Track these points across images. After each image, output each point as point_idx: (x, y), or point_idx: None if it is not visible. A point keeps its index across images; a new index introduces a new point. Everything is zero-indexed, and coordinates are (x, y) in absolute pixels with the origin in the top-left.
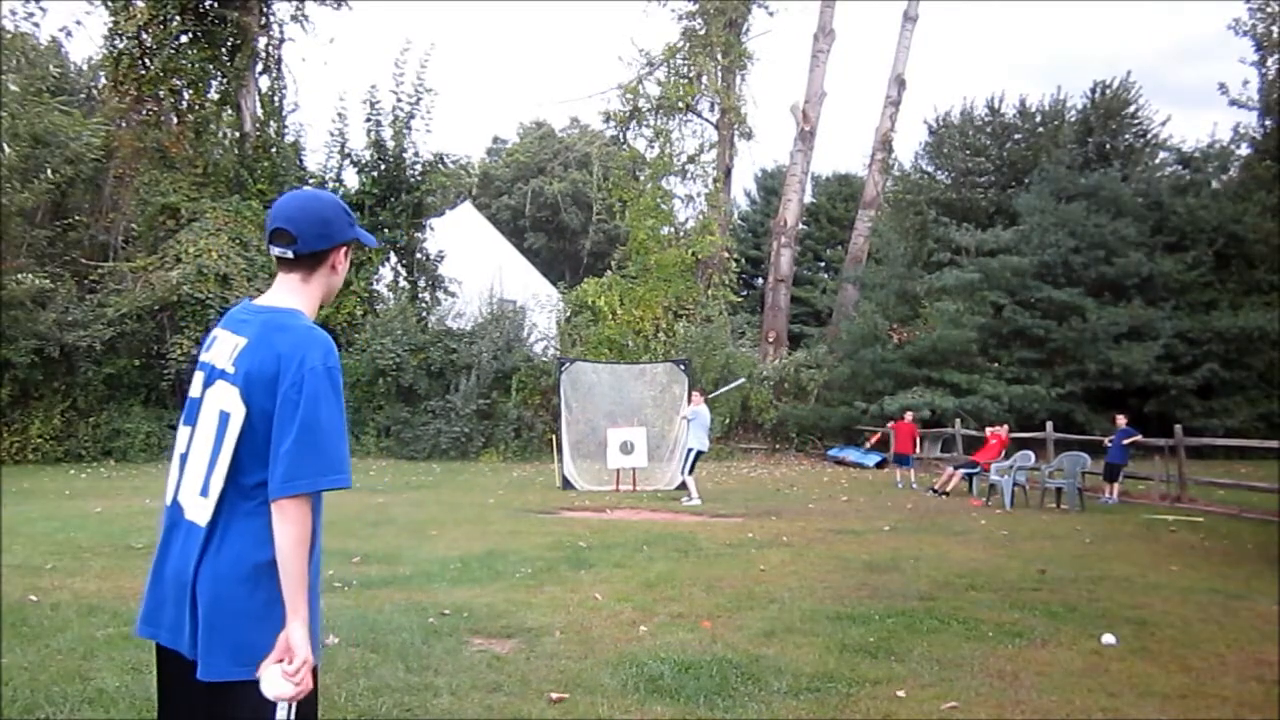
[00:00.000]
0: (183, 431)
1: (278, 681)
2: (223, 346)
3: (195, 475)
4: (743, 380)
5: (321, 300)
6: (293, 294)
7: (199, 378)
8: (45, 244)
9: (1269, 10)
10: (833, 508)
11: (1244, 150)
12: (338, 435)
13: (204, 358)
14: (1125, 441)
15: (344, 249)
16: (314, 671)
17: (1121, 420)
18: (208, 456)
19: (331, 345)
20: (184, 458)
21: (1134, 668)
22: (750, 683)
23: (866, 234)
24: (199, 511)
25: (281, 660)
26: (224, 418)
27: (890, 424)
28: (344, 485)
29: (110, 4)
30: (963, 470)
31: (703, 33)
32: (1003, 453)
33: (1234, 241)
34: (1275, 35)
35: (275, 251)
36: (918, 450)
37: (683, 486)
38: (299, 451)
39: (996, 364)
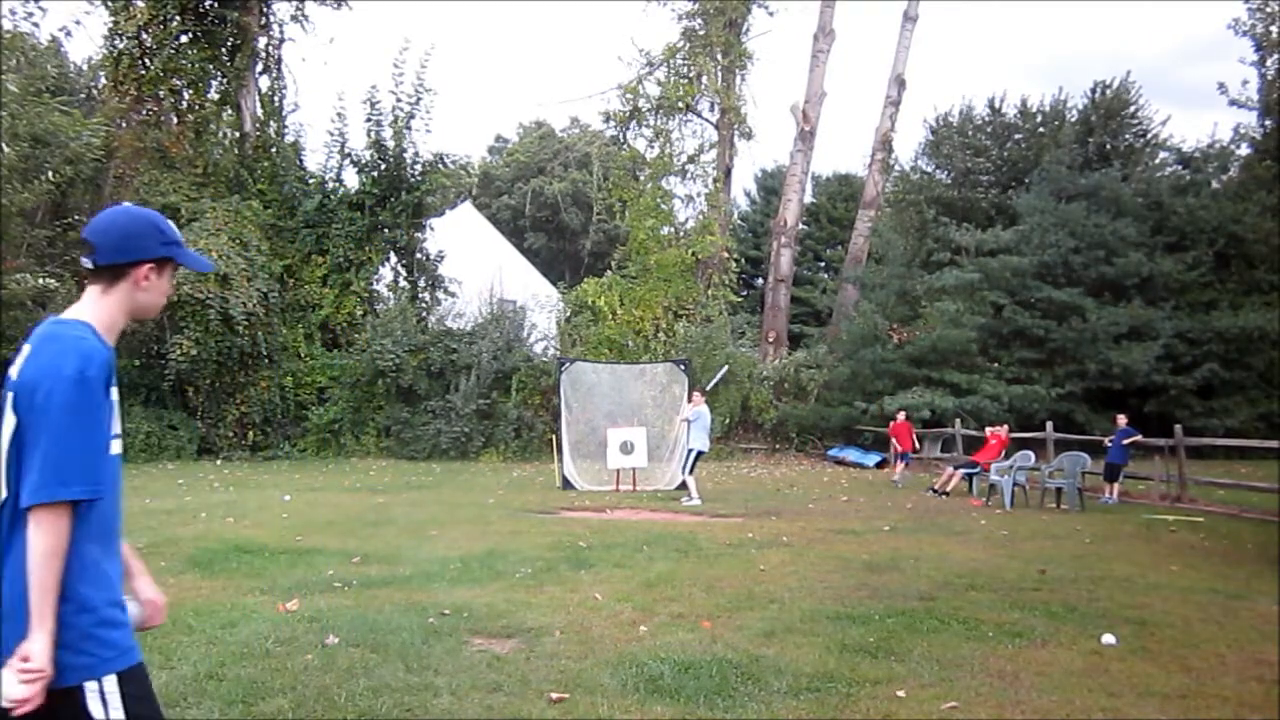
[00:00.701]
0: None
1: (11, 683)
2: (20, 356)
3: None
4: (726, 368)
5: (130, 316)
6: (89, 305)
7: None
8: (45, 244)
9: (1269, 10)
10: (833, 508)
11: (1244, 150)
12: (84, 447)
13: (11, 369)
14: (1125, 441)
15: (150, 266)
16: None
17: (1122, 420)
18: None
19: (95, 355)
20: None
21: (1134, 668)
22: (750, 683)
23: (866, 234)
24: None
25: (24, 661)
26: (2, 427)
27: (889, 425)
28: (86, 497)
29: (110, 4)
30: (963, 470)
31: (702, 33)
32: (1003, 453)
33: (1234, 241)
34: (1275, 35)
35: (82, 262)
36: (916, 450)
37: (683, 486)
38: (44, 462)
39: (996, 364)
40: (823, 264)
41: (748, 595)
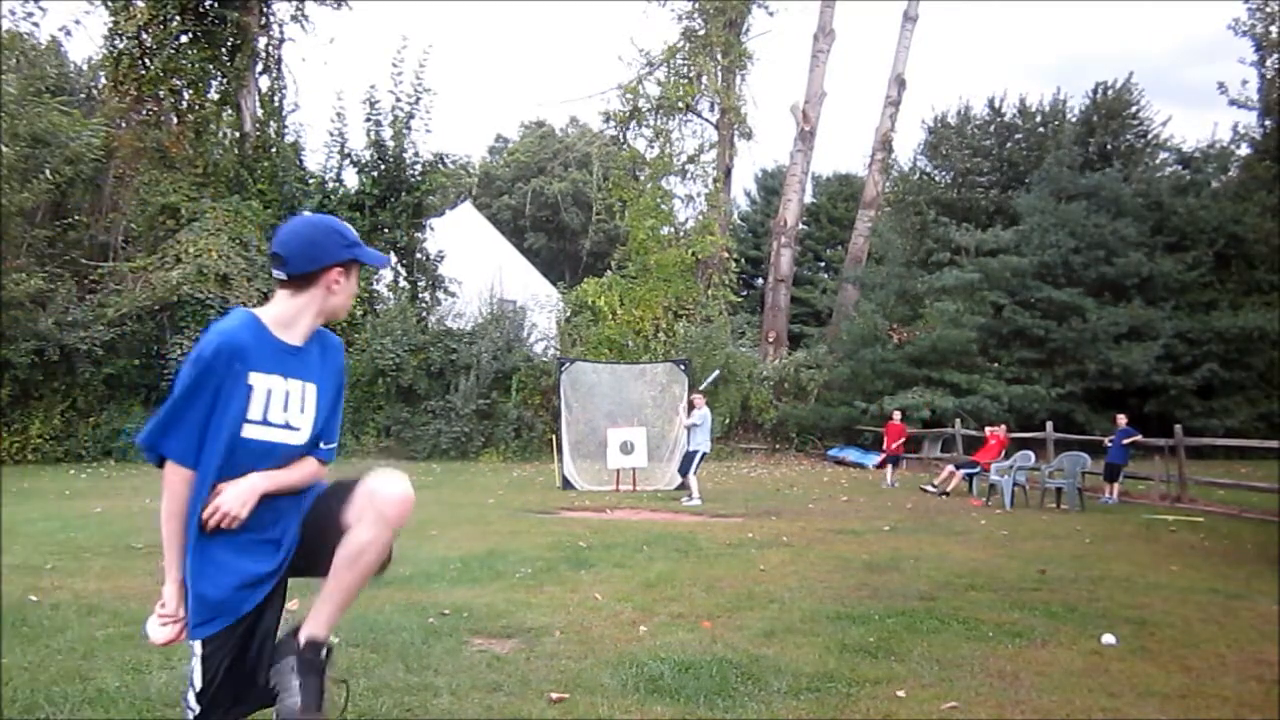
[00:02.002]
0: None
1: (152, 626)
2: None
3: None
4: (718, 371)
5: (324, 318)
6: (273, 302)
7: None
8: (45, 244)
9: (1268, 10)
10: (833, 508)
11: (1244, 150)
12: (184, 416)
13: None
14: (1125, 441)
15: (338, 269)
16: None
17: (1122, 420)
18: None
19: (211, 336)
20: None
21: (1134, 668)
22: (750, 683)
23: (866, 234)
24: None
25: (161, 607)
26: None
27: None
28: (168, 455)
29: (110, 4)
30: (963, 470)
31: (702, 33)
32: (1003, 453)
33: (1234, 242)
34: (1275, 35)
35: (273, 274)
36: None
37: (683, 486)
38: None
39: (996, 364)
40: (823, 264)
41: (748, 595)
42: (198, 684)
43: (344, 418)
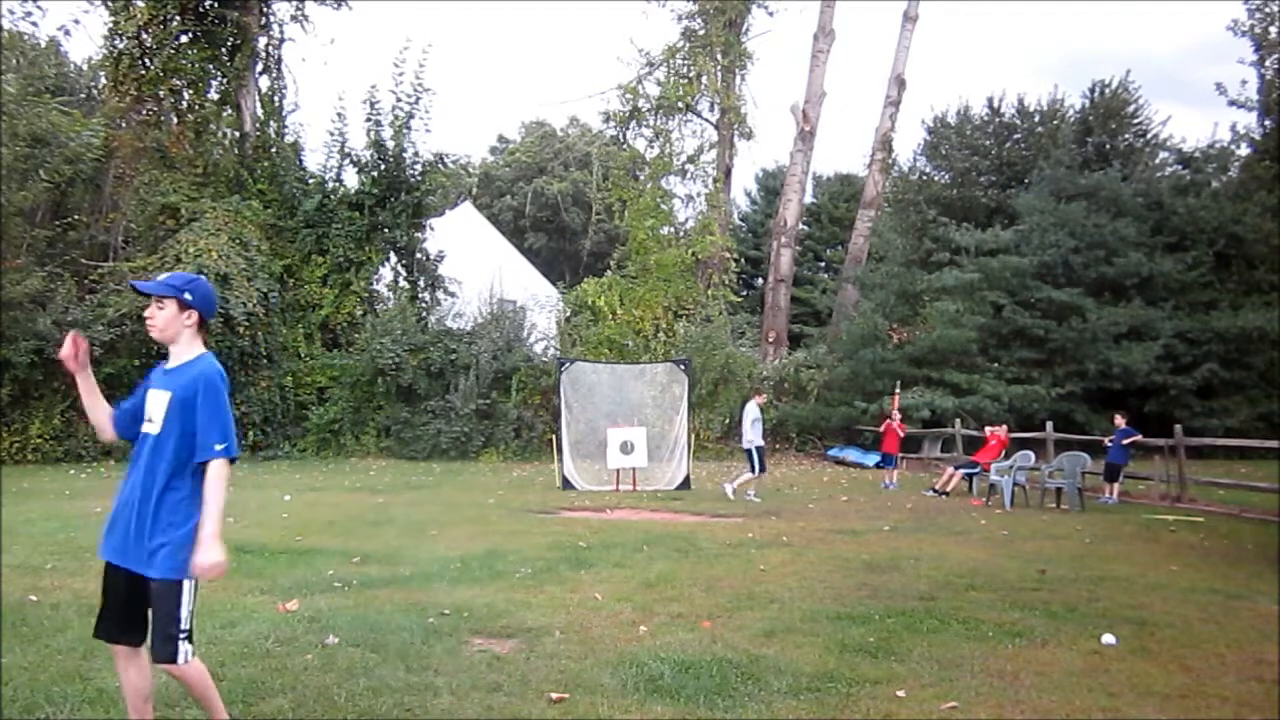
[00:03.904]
0: None
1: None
2: None
3: None
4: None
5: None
6: None
7: None
8: (45, 244)
9: (1268, 10)
10: (833, 508)
11: (1244, 151)
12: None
13: None
14: (1125, 441)
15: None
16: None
17: (1121, 420)
18: None
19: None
20: None
21: (1134, 668)
22: (750, 683)
23: (866, 234)
24: None
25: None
26: None
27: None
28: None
29: (110, 4)
30: (963, 470)
31: (702, 33)
32: (1003, 453)
33: (1234, 242)
34: (1274, 35)
35: None
36: (919, 450)
37: (685, 484)
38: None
39: (996, 364)
40: (823, 264)
41: (748, 595)
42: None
43: (345, 417)
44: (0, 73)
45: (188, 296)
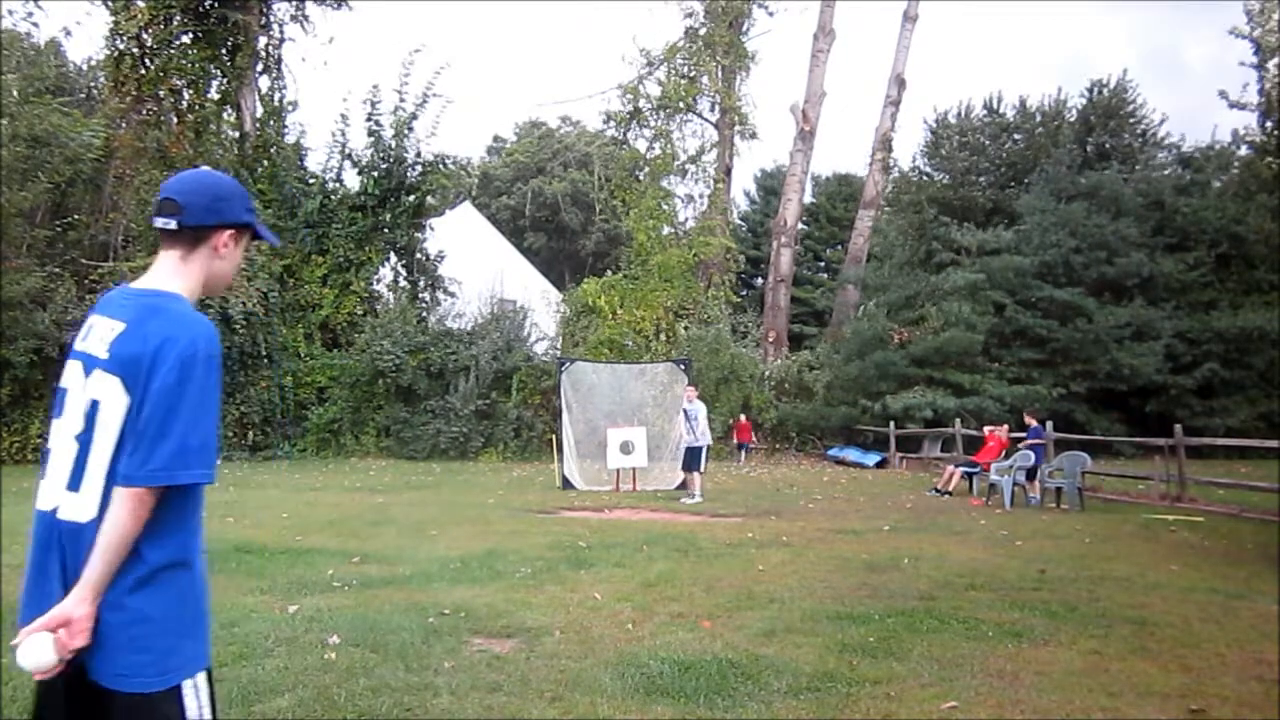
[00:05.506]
0: (56, 425)
1: (45, 650)
2: (99, 333)
3: (69, 471)
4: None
5: (205, 287)
6: (172, 275)
7: (75, 367)
8: (45, 244)
9: (1267, 8)
10: (833, 508)
11: (1244, 152)
12: (208, 428)
13: (79, 346)
14: (1034, 442)
15: (231, 233)
16: (208, 674)
17: (1031, 420)
18: (88, 449)
19: (213, 332)
20: (50, 453)
21: (1134, 668)
22: (750, 683)
23: (866, 234)
24: (78, 509)
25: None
26: (97, 406)
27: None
28: (204, 480)
29: (110, 4)
30: (963, 469)
31: (703, 32)
32: (1003, 453)
33: (1234, 242)
34: (1275, 41)
35: (158, 223)
36: (919, 450)
37: (683, 485)
38: (169, 442)
39: (997, 364)
40: (823, 264)
41: (748, 595)
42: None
43: (345, 417)
44: (1, 73)
45: None
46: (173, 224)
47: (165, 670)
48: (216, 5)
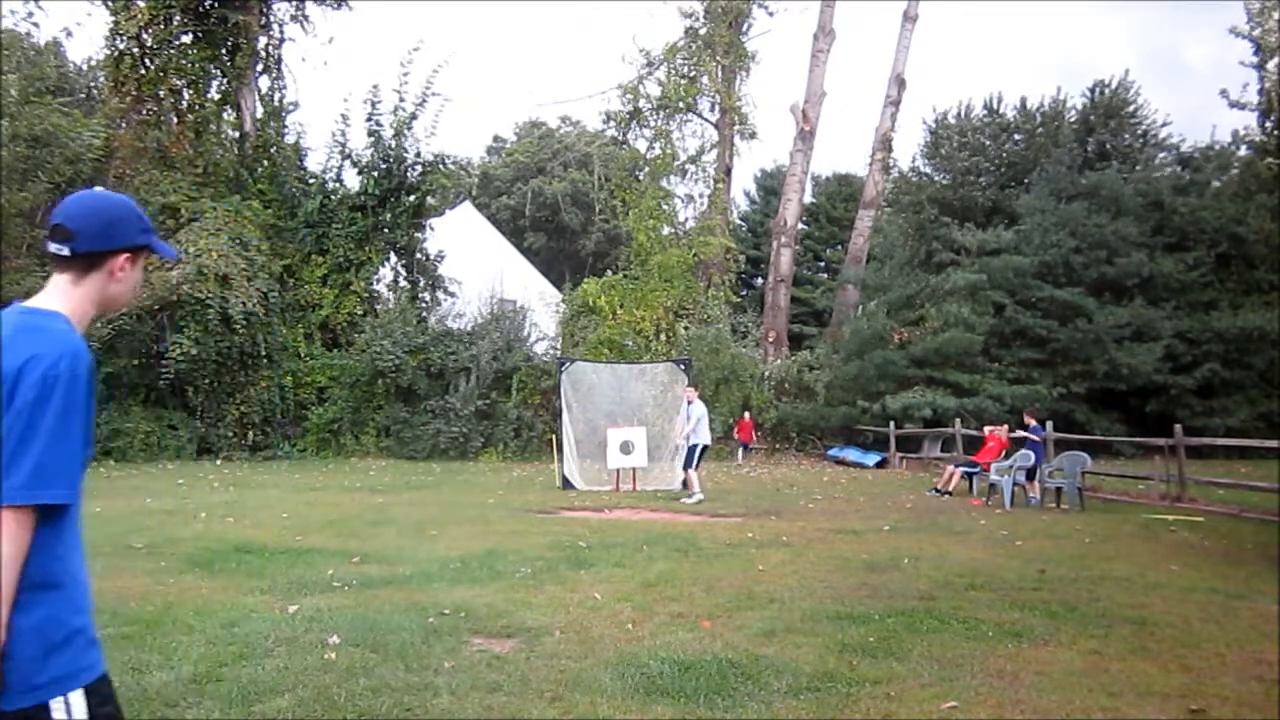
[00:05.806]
0: None
1: None
2: None
3: None
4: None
5: (99, 309)
6: (61, 297)
7: None
8: (45, 244)
9: (1267, 8)
10: (833, 508)
11: (1243, 152)
12: (70, 449)
13: None
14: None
15: (127, 256)
16: (90, 691)
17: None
18: None
19: (83, 351)
20: None
21: (1134, 668)
22: (750, 683)
23: (866, 234)
24: None
25: None
26: None
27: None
28: (67, 501)
29: (110, 4)
30: (963, 469)
31: (704, 32)
32: (1003, 453)
33: (1234, 242)
34: (1274, 41)
35: (51, 248)
36: (919, 450)
37: (685, 484)
38: (27, 461)
39: (997, 364)
40: (823, 264)
41: (748, 595)
42: None
43: (345, 417)
44: (1, 73)
45: None
46: (65, 250)
47: (31, 688)
48: (216, 5)
